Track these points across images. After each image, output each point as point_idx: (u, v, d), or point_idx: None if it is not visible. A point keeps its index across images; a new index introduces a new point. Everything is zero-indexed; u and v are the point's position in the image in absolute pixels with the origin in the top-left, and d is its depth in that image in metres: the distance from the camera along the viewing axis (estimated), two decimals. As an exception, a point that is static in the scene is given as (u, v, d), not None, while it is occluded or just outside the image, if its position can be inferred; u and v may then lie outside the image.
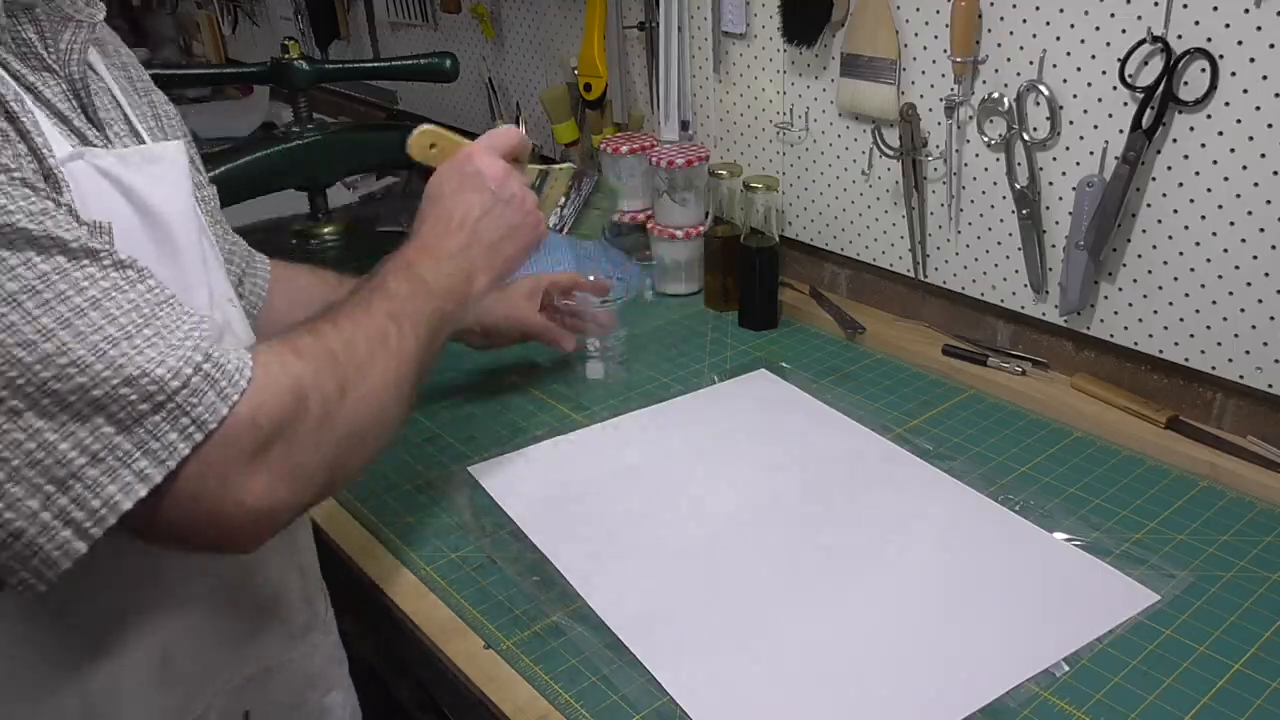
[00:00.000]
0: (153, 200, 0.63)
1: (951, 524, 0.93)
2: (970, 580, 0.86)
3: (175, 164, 0.67)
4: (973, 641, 0.79)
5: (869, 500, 0.96)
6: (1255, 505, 0.95)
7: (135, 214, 0.62)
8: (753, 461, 1.03)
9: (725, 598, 0.85)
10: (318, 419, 0.59)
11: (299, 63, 1.42)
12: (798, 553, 0.90)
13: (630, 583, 0.87)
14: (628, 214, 1.47)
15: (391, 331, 0.68)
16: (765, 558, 0.89)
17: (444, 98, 2.02)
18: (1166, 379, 1.08)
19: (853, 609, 0.83)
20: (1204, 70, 0.95)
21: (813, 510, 0.95)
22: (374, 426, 0.65)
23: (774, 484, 0.99)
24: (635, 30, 1.53)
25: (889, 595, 0.84)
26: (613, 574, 0.88)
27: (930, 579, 0.86)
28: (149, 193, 0.63)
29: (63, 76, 0.63)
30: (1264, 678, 0.76)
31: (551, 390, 1.19)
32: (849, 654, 0.78)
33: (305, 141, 1.38)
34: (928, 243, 1.25)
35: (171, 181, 0.66)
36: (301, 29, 2.31)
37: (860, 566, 0.88)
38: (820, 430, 1.08)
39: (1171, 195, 1.01)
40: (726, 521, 0.94)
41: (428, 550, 0.93)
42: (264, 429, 0.56)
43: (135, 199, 0.62)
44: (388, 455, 1.06)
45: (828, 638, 0.80)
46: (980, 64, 1.12)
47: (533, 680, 0.78)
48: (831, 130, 1.31)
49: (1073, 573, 0.86)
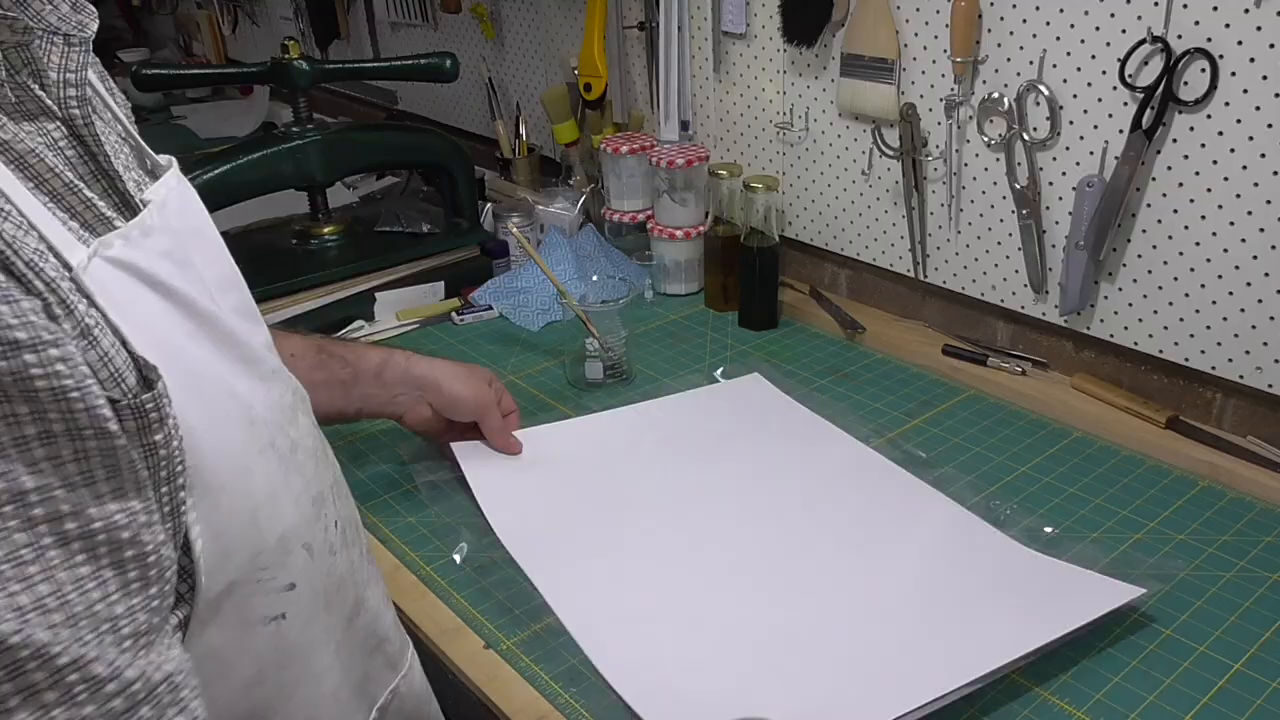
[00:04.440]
0: (168, 279, 0.57)
1: (927, 533, 0.91)
2: (937, 581, 0.85)
3: (170, 228, 0.59)
4: (937, 633, 0.79)
5: (842, 508, 0.95)
6: (1255, 505, 0.95)
7: (163, 300, 0.56)
8: (725, 465, 1.02)
9: (680, 599, 0.84)
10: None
11: (299, 63, 1.42)
12: (756, 557, 0.89)
13: (590, 584, 0.87)
14: (628, 214, 1.47)
15: None
16: (724, 560, 0.89)
17: (444, 98, 2.02)
18: (1166, 379, 1.08)
19: (822, 616, 0.82)
20: (1204, 70, 0.95)
21: (786, 518, 0.94)
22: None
23: (744, 489, 0.98)
24: (635, 30, 1.53)
25: (856, 597, 0.84)
26: (575, 576, 0.88)
27: (897, 582, 0.85)
28: (160, 271, 0.56)
29: (60, 118, 0.55)
30: (1264, 678, 0.76)
31: (551, 390, 1.19)
32: (814, 660, 0.77)
33: (305, 141, 1.38)
34: (928, 243, 1.25)
35: (172, 252, 0.59)
36: (301, 29, 2.31)
37: (830, 570, 0.87)
38: (802, 437, 1.06)
39: (1171, 195, 1.01)
40: (689, 524, 0.94)
41: (428, 550, 0.93)
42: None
43: (154, 284, 0.56)
44: (387, 455, 1.07)
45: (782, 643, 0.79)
46: (980, 64, 1.12)
47: (533, 680, 0.78)
48: (831, 130, 1.31)
49: (1048, 579, 0.84)
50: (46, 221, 0.50)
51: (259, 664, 0.62)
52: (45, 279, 0.48)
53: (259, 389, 0.64)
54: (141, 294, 0.55)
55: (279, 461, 0.64)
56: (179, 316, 0.57)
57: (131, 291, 0.54)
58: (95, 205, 0.54)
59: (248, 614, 0.61)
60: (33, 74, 0.55)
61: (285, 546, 0.63)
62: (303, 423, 0.69)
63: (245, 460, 0.60)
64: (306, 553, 0.65)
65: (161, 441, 0.53)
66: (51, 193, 0.53)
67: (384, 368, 0.99)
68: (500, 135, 1.76)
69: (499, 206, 1.58)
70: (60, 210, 0.53)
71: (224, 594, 0.59)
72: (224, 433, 0.59)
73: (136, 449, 0.51)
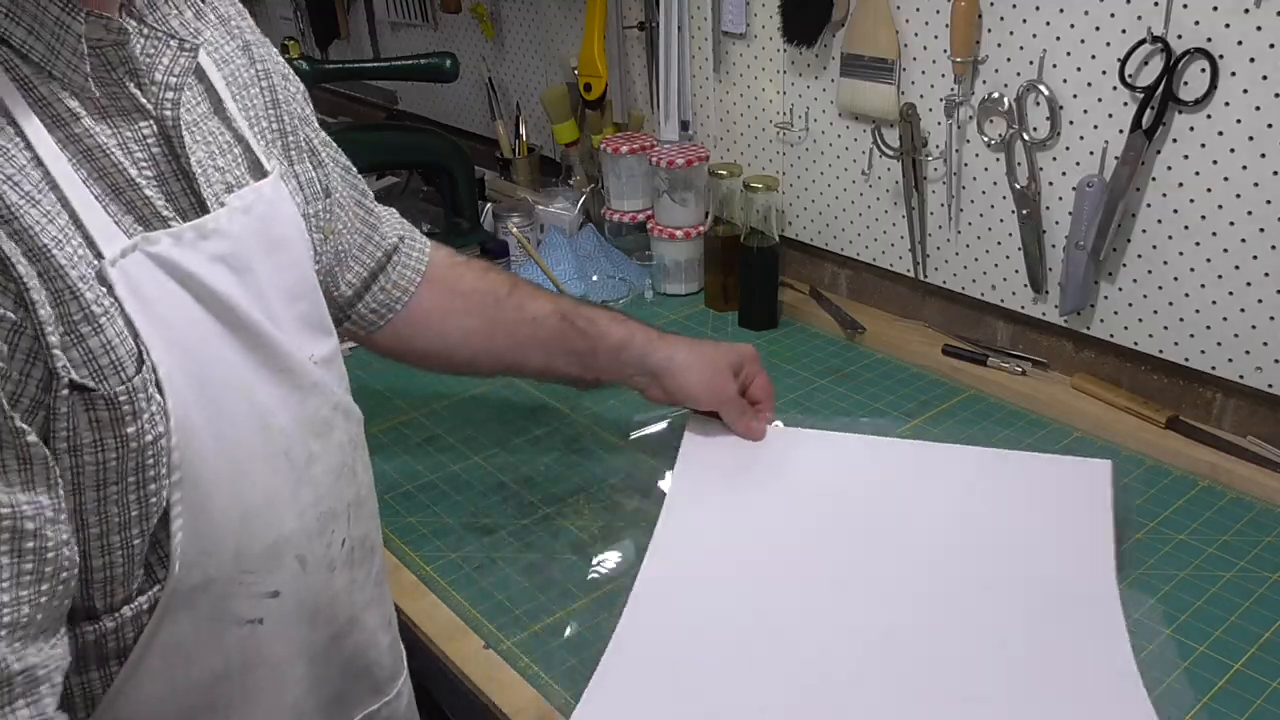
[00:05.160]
0: (213, 284, 0.59)
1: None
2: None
3: (235, 234, 0.61)
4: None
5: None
6: (1255, 505, 0.95)
7: (197, 302, 0.58)
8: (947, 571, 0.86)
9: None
10: None
11: (299, 63, 1.42)
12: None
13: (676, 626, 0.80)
14: (628, 214, 1.47)
15: None
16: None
17: (444, 98, 2.02)
18: (1166, 379, 1.08)
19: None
20: (1204, 70, 0.95)
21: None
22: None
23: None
24: (635, 30, 1.53)
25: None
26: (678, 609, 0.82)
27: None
28: (207, 274, 0.59)
29: (154, 117, 0.59)
30: (1264, 678, 0.76)
31: (551, 389, 1.18)
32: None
33: (305, 141, 1.38)
34: (927, 243, 1.25)
35: (228, 256, 0.61)
36: (301, 29, 2.31)
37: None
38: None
39: (1171, 195, 1.01)
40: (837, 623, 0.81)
41: (428, 550, 0.93)
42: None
43: (195, 286, 0.58)
44: (388, 455, 1.07)
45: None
46: (980, 64, 1.12)
47: (533, 680, 0.78)
48: (831, 130, 1.31)
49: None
50: (92, 212, 0.54)
51: (226, 662, 0.63)
52: (47, 266, 0.51)
53: (290, 398, 0.64)
54: (175, 292, 0.57)
55: (289, 471, 0.64)
56: (212, 319, 0.59)
57: (164, 288, 0.57)
58: (152, 203, 0.57)
59: (223, 612, 0.62)
60: (129, 73, 0.58)
61: (276, 554, 0.63)
62: (336, 438, 0.69)
63: (248, 464, 0.61)
64: (299, 564, 0.65)
65: (134, 435, 0.55)
66: (113, 187, 0.56)
67: (623, 349, 0.97)
68: (500, 135, 1.76)
69: (499, 206, 1.58)
70: (117, 204, 0.56)
71: (200, 587, 0.60)
72: (229, 435, 0.60)
73: (111, 438, 0.54)
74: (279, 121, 0.73)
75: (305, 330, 0.68)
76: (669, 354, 0.98)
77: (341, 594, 0.70)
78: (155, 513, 0.57)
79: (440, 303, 0.92)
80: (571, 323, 0.96)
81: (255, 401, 0.62)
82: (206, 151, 0.62)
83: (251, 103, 0.70)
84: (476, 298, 0.94)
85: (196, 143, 0.61)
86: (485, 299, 0.94)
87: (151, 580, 0.59)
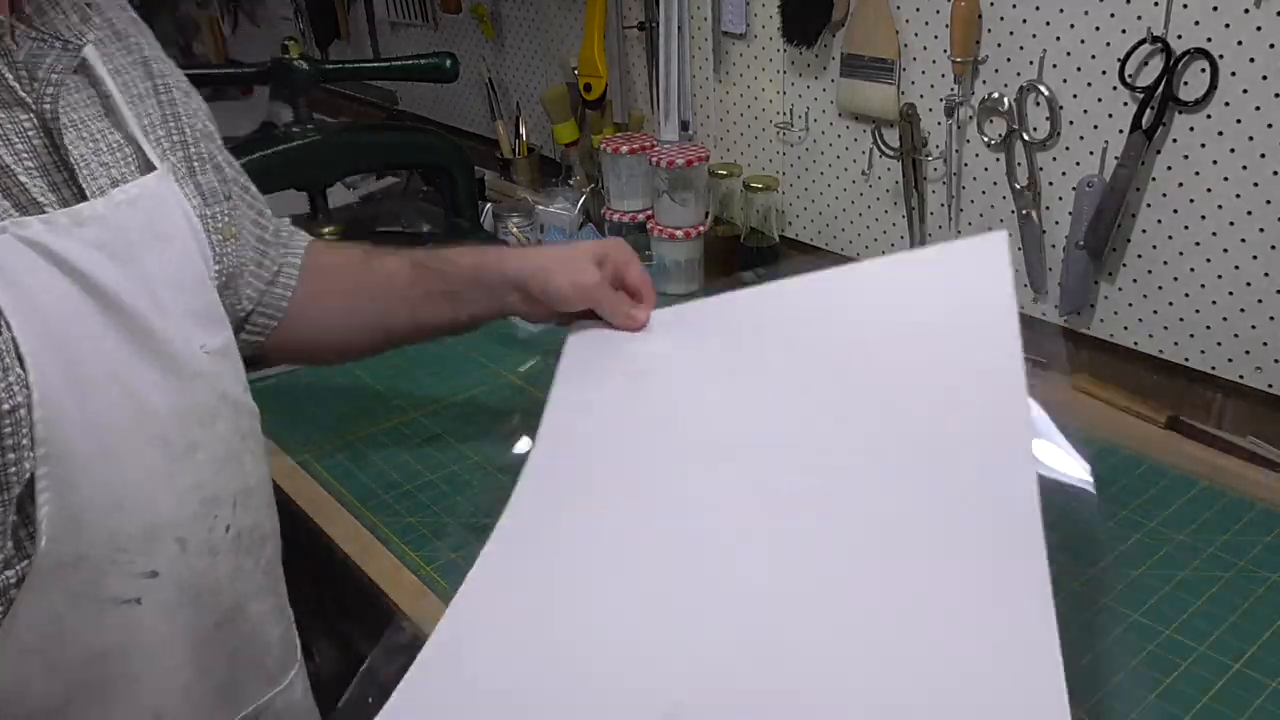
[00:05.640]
0: (88, 268, 0.61)
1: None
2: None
3: (115, 224, 0.63)
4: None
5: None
6: (1255, 505, 0.95)
7: (72, 284, 0.60)
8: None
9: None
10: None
11: (299, 63, 1.42)
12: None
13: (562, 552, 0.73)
14: (628, 214, 1.47)
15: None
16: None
17: (444, 98, 2.02)
18: (1166, 379, 1.08)
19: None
20: (1204, 70, 0.95)
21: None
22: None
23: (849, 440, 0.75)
24: (635, 30, 1.53)
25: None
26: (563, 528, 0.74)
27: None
28: (80, 259, 0.61)
29: (34, 110, 0.62)
30: (1264, 677, 0.76)
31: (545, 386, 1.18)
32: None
33: (305, 141, 1.38)
34: (928, 243, 1.25)
35: (108, 244, 0.63)
36: (301, 29, 2.31)
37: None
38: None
39: (1171, 195, 1.01)
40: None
41: (428, 550, 0.93)
42: None
43: (68, 269, 0.60)
44: (388, 455, 1.07)
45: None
46: (980, 64, 1.12)
47: (533, 680, 0.78)
48: (831, 130, 1.31)
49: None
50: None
51: (104, 642, 0.64)
52: None
53: (169, 385, 0.66)
54: (48, 274, 0.59)
55: (164, 456, 0.66)
56: (89, 302, 0.61)
57: (37, 271, 0.59)
58: (28, 190, 0.60)
59: (99, 590, 0.63)
60: (9, 65, 0.61)
61: (153, 535, 0.65)
62: (220, 429, 0.70)
63: (120, 445, 0.63)
64: (179, 546, 0.67)
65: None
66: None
67: (478, 271, 0.92)
68: (500, 135, 1.77)
69: (499, 206, 1.58)
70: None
71: (71, 564, 0.61)
72: (100, 415, 0.62)
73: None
74: (180, 134, 0.74)
75: (195, 321, 0.69)
76: (523, 260, 0.92)
77: (225, 579, 0.71)
78: (16, 483, 0.58)
79: (313, 287, 0.91)
80: (425, 266, 0.93)
81: (129, 385, 0.63)
82: (91, 148, 0.65)
83: (148, 112, 0.72)
84: (336, 272, 0.94)
85: (81, 139, 0.64)
86: (344, 271, 0.94)
87: (21, 554, 0.60)
